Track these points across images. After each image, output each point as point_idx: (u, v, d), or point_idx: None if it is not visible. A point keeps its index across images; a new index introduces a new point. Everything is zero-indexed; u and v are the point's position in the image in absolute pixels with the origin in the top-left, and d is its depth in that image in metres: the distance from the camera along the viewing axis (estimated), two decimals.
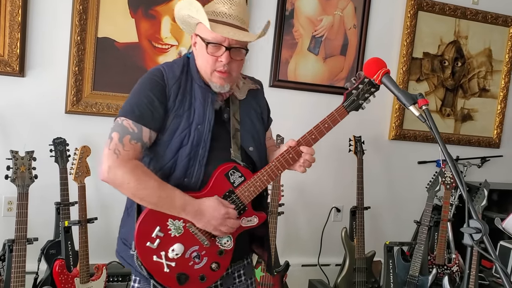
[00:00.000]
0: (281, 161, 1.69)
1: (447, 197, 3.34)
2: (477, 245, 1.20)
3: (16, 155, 2.27)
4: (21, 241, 2.22)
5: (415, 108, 1.37)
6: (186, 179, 1.63)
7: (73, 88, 2.97)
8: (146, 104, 1.59)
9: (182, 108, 1.62)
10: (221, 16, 1.60)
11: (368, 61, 1.46)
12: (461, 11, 3.84)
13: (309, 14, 3.49)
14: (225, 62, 1.60)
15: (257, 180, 1.67)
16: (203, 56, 1.63)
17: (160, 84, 1.62)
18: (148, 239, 1.59)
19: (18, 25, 2.82)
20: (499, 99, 4.08)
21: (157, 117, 1.59)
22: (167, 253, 1.60)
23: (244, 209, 1.67)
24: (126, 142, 1.56)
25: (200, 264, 1.64)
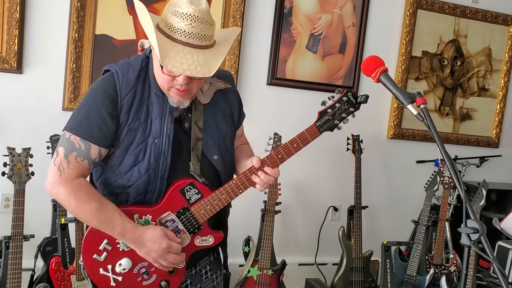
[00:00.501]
0: (242, 180, 1.57)
1: (445, 197, 3.33)
2: (474, 245, 1.19)
3: (13, 151, 2.27)
4: (17, 238, 2.22)
5: (413, 107, 1.36)
6: (147, 194, 1.55)
7: (71, 85, 2.96)
8: (95, 119, 1.46)
9: (138, 121, 1.50)
10: (178, 33, 1.39)
11: (366, 59, 1.45)
12: (461, 9, 3.83)
13: (308, 12, 3.48)
14: (182, 83, 1.44)
15: (215, 199, 1.56)
16: (158, 70, 1.46)
17: (112, 96, 1.47)
18: (95, 251, 1.53)
19: (16, 21, 2.80)
20: (498, 99, 4.07)
21: (107, 133, 1.47)
22: (114, 267, 1.54)
23: (199, 228, 1.58)
24: (72, 159, 1.47)
25: (149, 281, 1.57)
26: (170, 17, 1.41)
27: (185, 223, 1.57)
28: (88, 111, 1.48)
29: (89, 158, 1.49)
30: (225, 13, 3.24)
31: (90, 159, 1.49)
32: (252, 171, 1.58)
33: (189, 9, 1.39)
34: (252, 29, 3.36)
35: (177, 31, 1.39)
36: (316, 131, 1.62)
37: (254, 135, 1.80)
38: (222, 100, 1.65)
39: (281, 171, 3.07)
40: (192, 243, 1.59)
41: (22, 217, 2.26)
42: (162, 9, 3.08)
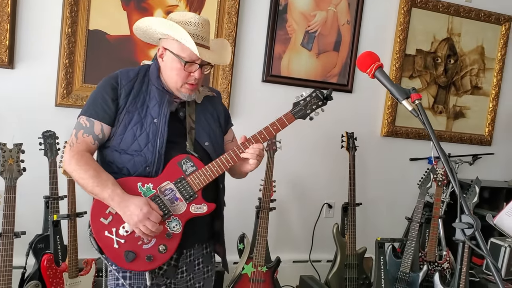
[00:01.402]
0: (231, 154, 1.83)
1: (438, 194, 3.34)
2: (469, 240, 1.19)
3: (4, 147, 2.24)
4: (8, 235, 2.19)
5: (408, 102, 1.35)
6: (147, 167, 1.77)
7: (64, 80, 2.93)
8: (99, 101, 1.78)
9: (134, 106, 1.80)
10: (194, 38, 1.77)
11: (361, 55, 1.45)
12: (454, 8, 3.84)
13: (303, 9, 3.47)
14: (198, 77, 1.81)
15: (208, 170, 1.80)
16: (176, 70, 1.81)
17: (113, 85, 1.80)
18: (101, 215, 1.74)
19: (7, 15, 2.78)
20: (491, 97, 4.09)
21: (109, 112, 1.77)
22: (118, 230, 1.73)
23: (194, 195, 1.79)
24: (80, 136, 1.78)
25: (149, 244, 1.74)
26: (184, 27, 1.77)
27: (182, 191, 1.78)
28: (94, 97, 1.81)
29: (93, 133, 1.78)
30: (220, 9, 3.23)
31: (94, 134, 1.78)
32: (239, 147, 1.83)
33: (199, 19, 1.81)
34: (247, 26, 3.35)
35: (193, 36, 1.77)
36: (291, 117, 1.89)
37: (249, 132, 1.87)
38: (210, 104, 1.99)
39: (276, 167, 3.09)
40: (188, 210, 1.79)
41: (13, 213, 2.24)
42: (157, 4, 3.08)
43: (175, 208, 1.78)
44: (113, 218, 1.74)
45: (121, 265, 1.74)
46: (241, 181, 2.93)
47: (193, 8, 3.19)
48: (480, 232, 1.20)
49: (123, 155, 1.78)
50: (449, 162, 1.21)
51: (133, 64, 3.03)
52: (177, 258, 1.88)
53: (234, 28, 3.27)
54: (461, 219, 1.22)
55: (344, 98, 3.66)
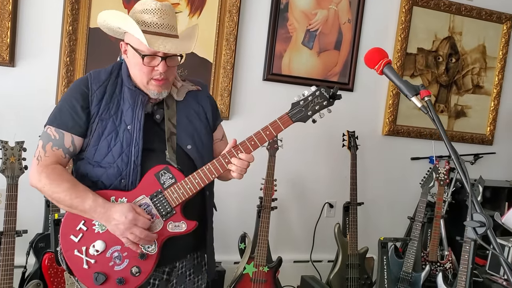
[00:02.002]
0: (215, 164, 1.63)
1: (440, 194, 3.33)
2: (480, 239, 1.18)
3: (6, 145, 2.22)
4: (10, 233, 2.17)
5: (417, 99, 1.34)
6: (122, 180, 1.62)
7: (64, 79, 2.91)
8: (68, 110, 1.62)
9: (108, 113, 1.64)
10: (152, 27, 1.60)
11: (369, 51, 1.43)
12: (456, 7, 3.83)
13: (304, 8, 3.46)
14: (162, 71, 1.62)
15: (188, 183, 1.62)
16: (138, 66, 1.64)
17: (83, 90, 1.64)
18: (72, 232, 1.61)
19: (8, 13, 2.75)
20: (492, 96, 4.08)
21: (79, 122, 1.62)
22: (88, 249, 1.59)
23: (171, 212, 1.63)
24: (48, 149, 1.62)
25: (121, 266, 1.60)
26: (140, 16, 1.61)
27: (158, 206, 1.62)
28: (62, 104, 1.66)
29: (63, 147, 1.62)
30: (221, 8, 3.21)
31: (65, 147, 1.63)
32: (225, 156, 1.63)
33: (156, 5, 1.61)
34: (248, 24, 3.34)
35: (150, 24, 1.60)
36: (288, 119, 1.65)
37: (249, 131, 1.78)
38: (193, 100, 1.79)
39: (277, 166, 3.07)
40: (165, 228, 1.62)
41: (14, 212, 2.22)
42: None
43: (151, 226, 1.60)
44: (83, 235, 1.60)
45: (90, 287, 1.60)
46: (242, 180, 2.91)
47: (194, 6, 3.17)
48: (492, 231, 1.19)
49: (96, 168, 1.64)
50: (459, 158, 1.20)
51: None
52: (170, 272, 1.77)
53: (235, 26, 3.25)
54: (473, 217, 1.20)
55: (345, 97, 3.59)
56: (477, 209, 1.20)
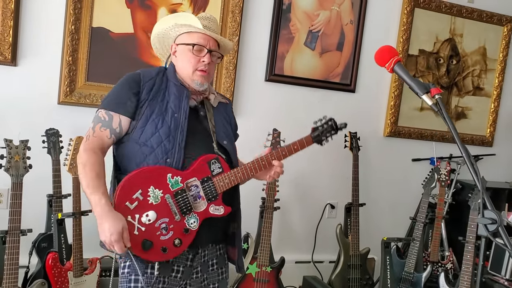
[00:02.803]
0: (254, 164, 1.92)
1: (442, 194, 3.34)
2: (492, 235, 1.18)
3: (11, 143, 2.20)
4: (14, 232, 2.16)
5: (428, 97, 1.34)
6: (168, 159, 1.80)
7: (67, 78, 2.91)
8: (120, 95, 1.84)
9: (156, 100, 1.85)
10: (203, 27, 1.90)
11: (380, 49, 1.44)
12: (457, 9, 3.84)
13: (306, 9, 3.46)
14: (207, 61, 1.88)
15: (233, 175, 1.87)
16: (186, 57, 1.89)
17: (136, 80, 1.86)
18: (128, 199, 1.74)
19: (11, 12, 2.75)
20: (492, 98, 4.09)
21: (129, 104, 1.81)
22: (141, 217, 1.73)
23: (215, 196, 1.84)
24: (97, 129, 1.82)
25: (166, 236, 1.75)
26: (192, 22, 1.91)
27: (206, 190, 1.83)
28: (113, 91, 1.88)
29: (110, 127, 1.81)
30: (224, 8, 3.21)
31: (112, 128, 1.81)
32: (263, 159, 1.93)
33: (206, 14, 1.96)
34: (251, 25, 3.34)
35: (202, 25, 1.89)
36: (311, 140, 2.06)
37: (252, 131, 1.94)
38: (224, 110, 2.08)
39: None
40: (207, 209, 1.82)
41: (19, 211, 2.21)
42: (161, 2, 3.07)
43: (196, 206, 1.81)
44: (138, 204, 1.74)
45: (136, 252, 1.72)
46: None
47: (197, 6, 3.17)
48: (504, 228, 1.19)
49: (143, 147, 1.80)
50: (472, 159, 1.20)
51: (136, 61, 3.02)
52: (193, 258, 1.87)
53: (238, 27, 3.25)
54: (484, 215, 1.20)
55: (347, 98, 3.65)
56: (489, 206, 1.20)
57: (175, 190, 1.78)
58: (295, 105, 3.49)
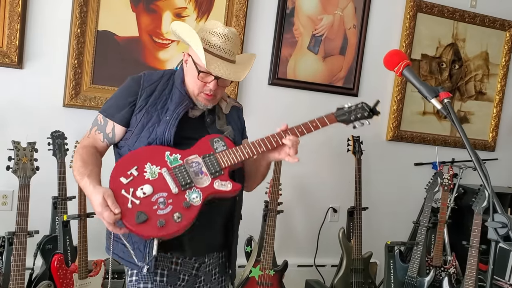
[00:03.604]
0: (264, 140, 1.77)
1: (444, 199, 3.35)
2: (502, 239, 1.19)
3: (18, 145, 2.22)
4: (21, 234, 2.17)
5: (437, 101, 1.35)
6: None
7: (72, 81, 2.92)
8: (117, 102, 1.82)
9: (155, 107, 1.79)
10: (214, 48, 1.76)
11: (389, 53, 1.45)
12: (460, 14, 3.86)
13: (310, 13, 3.48)
14: (212, 89, 1.78)
15: (238, 150, 1.75)
16: (193, 78, 1.80)
17: (135, 86, 1.82)
18: (122, 175, 1.68)
19: (18, 16, 2.76)
20: (495, 102, 4.11)
21: (124, 114, 1.79)
22: (136, 191, 1.65)
23: (219, 171, 1.73)
24: (92, 132, 1.84)
25: (164, 210, 1.64)
26: (207, 36, 1.78)
27: (208, 165, 1.73)
28: (113, 96, 1.87)
29: (104, 132, 1.82)
30: (228, 12, 3.23)
31: (105, 133, 1.82)
32: (274, 136, 1.77)
33: (224, 30, 1.77)
34: (255, 29, 3.35)
35: (214, 46, 1.76)
36: (333, 118, 1.82)
37: (255, 135, 1.85)
38: (236, 114, 2.01)
39: (282, 170, 3.08)
40: (211, 184, 1.71)
41: (26, 212, 2.22)
42: (166, 6, 3.08)
43: (198, 181, 1.70)
44: (133, 179, 1.67)
45: (130, 225, 1.61)
46: None
47: (201, 10, 3.19)
48: None
49: None
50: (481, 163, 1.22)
51: (141, 65, 3.03)
52: (198, 267, 1.86)
53: (242, 31, 3.27)
54: (494, 218, 1.21)
55: (350, 102, 3.65)
56: (499, 210, 1.21)
57: (173, 166, 1.70)
58: (298, 109, 3.50)
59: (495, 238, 1.18)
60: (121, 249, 1.80)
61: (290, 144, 1.75)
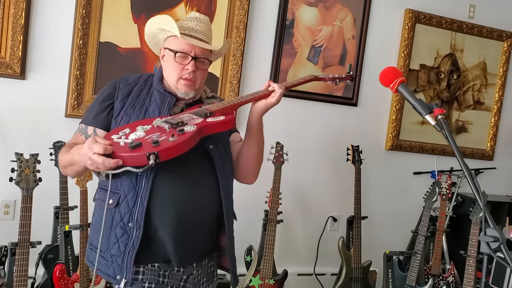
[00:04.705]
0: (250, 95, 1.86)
1: (443, 208, 3.37)
2: (494, 253, 1.22)
3: (21, 157, 2.25)
4: (24, 245, 2.20)
5: (431, 117, 1.39)
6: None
7: (74, 92, 2.95)
8: (95, 108, 1.84)
9: (133, 109, 1.81)
10: (188, 30, 1.83)
11: (384, 70, 1.48)
12: (457, 24, 3.90)
13: (309, 24, 3.52)
14: (190, 70, 1.79)
15: (225, 103, 1.81)
16: (171, 65, 1.82)
17: (111, 90, 1.85)
18: (114, 133, 1.67)
19: (21, 27, 2.80)
20: (493, 112, 4.14)
21: (101, 117, 1.81)
22: (128, 136, 1.62)
23: (211, 113, 1.72)
24: (74, 136, 1.85)
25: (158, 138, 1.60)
26: (182, 22, 1.86)
27: (199, 112, 1.72)
28: (91, 104, 1.90)
29: (85, 133, 1.82)
30: (229, 24, 3.26)
31: (87, 134, 1.81)
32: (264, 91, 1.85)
33: (195, 14, 1.88)
34: (255, 40, 3.39)
35: (187, 29, 1.83)
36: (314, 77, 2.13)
37: None
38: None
39: (282, 179, 3.10)
40: (204, 120, 1.69)
41: (29, 223, 2.25)
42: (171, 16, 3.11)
43: (191, 121, 1.67)
44: (124, 134, 1.64)
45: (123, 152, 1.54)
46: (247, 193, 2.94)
47: None
48: (505, 246, 1.23)
49: None
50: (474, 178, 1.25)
51: None
52: (186, 279, 1.82)
53: (242, 42, 3.31)
54: (486, 233, 1.24)
55: (349, 112, 3.70)
56: (490, 224, 1.24)
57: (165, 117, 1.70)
58: (298, 118, 3.54)
59: (487, 252, 1.20)
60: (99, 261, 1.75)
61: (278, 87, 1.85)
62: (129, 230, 1.70)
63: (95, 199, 1.85)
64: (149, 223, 1.70)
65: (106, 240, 1.73)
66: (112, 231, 1.72)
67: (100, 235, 1.72)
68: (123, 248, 1.70)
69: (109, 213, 1.73)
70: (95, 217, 1.83)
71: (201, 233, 1.80)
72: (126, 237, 1.70)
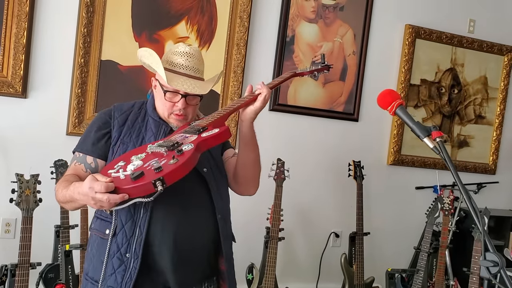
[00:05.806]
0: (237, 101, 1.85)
1: (445, 223, 3.35)
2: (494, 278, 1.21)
3: (21, 178, 2.25)
4: (24, 266, 2.19)
5: (429, 140, 1.39)
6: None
7: (75, 110, 2.97)
8: (90, 137, 1.80)
9: (130, 137, 1.79)
10: (178, 67, 1.79)
11: (382, 93, 1.48)
12: (458, 39, 3.91)
13: (310, 41, 3.54)
14: (180, 107, 1.78)
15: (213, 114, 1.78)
16: (161, 100, 1.80)
17: (106, 118, 1.82)
18: (110, 168, 1.63)
19: (22, 47, 2.82)
20: (494, 126, 4.14)
21: (99, 146, 1.78)
22: (125, 168, 1.58)
23: (204, 128, 1.69)
24: (72, 165, 1.79)
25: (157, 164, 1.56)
26: (171, 56, 1.82)
27: (190, 130, 1.71)
28: (86, 132, 1.84)
29: (85, 162, 1.78)
30: (230, 41, 3.28)
31: (86, 163, 1.78)
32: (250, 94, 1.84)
33: (185, 48, 1.82)
34: (255, 57, 3.41)
35: (177, 65, 1.80)
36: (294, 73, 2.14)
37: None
38: None
39: (283, 196, 3.10)
40: (199, 136, 1.67)
41: (29, 244, 2.24)
42: (168, 36, 3.14)
43: (185, 140, 1.66)
44: (121, 167, 1.60)
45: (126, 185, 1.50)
46: (248, 210, 2.94)
47: (203, 40, 3.25)
48: (505, 270, 1.22)
49: None
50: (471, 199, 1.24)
51: (144, 94, 3.06)
52: None
53: (242, 59, 3.32)
54: (486, 257, 1.23)
55: (350, 127, 3.70)
56: (490, 248, 1.23)
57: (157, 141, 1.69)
58: (299, 134, 3.54)
59: (487, 277, 1.20)
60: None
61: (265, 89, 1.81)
62: (126, 261, 1.68)
63: (91, 229, 1.82)
64: (148, 252, 1.69)
65: (102, 271, 1.69)
66: (109, 261, 1.70)
67: (96, 266, 1.70)
68: (120, 280, 1.67)
69: (106, 244, 1.70)
70: (90, 247, 1.80)
71: (200, 258, 1.78)
72: (123, 268, 1.68)
